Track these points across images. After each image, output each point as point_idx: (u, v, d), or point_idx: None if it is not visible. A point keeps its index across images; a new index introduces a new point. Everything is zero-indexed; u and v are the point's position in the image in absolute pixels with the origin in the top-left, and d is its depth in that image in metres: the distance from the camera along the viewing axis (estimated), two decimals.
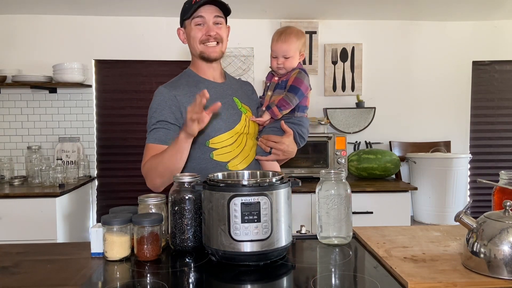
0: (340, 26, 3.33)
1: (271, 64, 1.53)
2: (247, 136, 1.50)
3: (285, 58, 1.49)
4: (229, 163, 1.45)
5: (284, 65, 1.50)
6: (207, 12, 1.43)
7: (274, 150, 1.44)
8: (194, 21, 1.44)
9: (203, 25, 1.44)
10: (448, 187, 2.89)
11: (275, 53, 1.50)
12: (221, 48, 1.48)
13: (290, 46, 1.49)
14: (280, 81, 1.52)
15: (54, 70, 3.01)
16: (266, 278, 1.01)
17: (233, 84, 1.59)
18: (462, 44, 3.39)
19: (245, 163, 1.48)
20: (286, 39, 1.49)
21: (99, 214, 3.24)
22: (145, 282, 0.99)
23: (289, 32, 1.50)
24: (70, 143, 3.18)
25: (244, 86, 1.64)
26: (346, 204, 1.21)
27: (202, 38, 1.44)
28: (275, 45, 1.50)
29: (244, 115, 1.50)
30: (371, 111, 3.29)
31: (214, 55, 1.47)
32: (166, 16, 3.23)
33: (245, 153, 1.49)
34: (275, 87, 1.53)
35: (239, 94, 1.56)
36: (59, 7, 3.00)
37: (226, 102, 1.48)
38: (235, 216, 1.03)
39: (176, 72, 3.22)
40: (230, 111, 1.48)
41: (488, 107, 3.44)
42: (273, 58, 1.52)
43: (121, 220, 1.11)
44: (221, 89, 1.52)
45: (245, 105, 1.54)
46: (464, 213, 1.00)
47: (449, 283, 0.90)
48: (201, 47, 1.46)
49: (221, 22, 1.47)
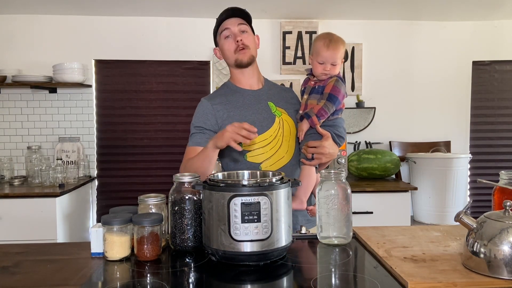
0: (340, 26, 3.33)
1: (317, 70, 1.54)
2: (282, 138, 1.54)
3: (332, 65, 1.52)
4: (262, 164, 1.51)
5: (330, 72, 1.52)
6: (231, 23, 1.52)
7: (316, 155, 1.47)
8: (222, 35, 1.54)
9: (231, 36, 1.53)
10: (448, 187, 2.90)
11: (324, 59, 1.52)
12: (250, 52, 1.54)
13: (338, 54, 1.52)
14: (316, 85, 1.55)
15: (54, 70, 3.01)
16: (266, 278, 1.01)
17: (270, 90, 1.64)
18: (462, 44, 3.39)
19: (278, 165, 1.53)
20: (336, 47, 1.51)
21: (99, 214, 3.24)
22: (145, 282, 0.99)
23: (337, 40, 1.53)
24: (70, 143, 3.18)
25: (284, 92, 1.69)
26: (346, 204, 1.21)
27: (234, 47, 1.53)
28: (325, 52, 1.51)
29: (278, 118, 1.56)
30: (371, 111, 3.29)
31: (245, 59, 1.54)
32: (166, 16, 3.23)
33: (279, 155, 1.53)
34: (311, 91, 1.56)
35: (276, 98, 1.61)
36: (59, 7, 3.00)
37: (260, 107, 1.56)
38: (235, 216, 1.03)
39: (176, 72, 3.29)
40: (263, 115, 1.54)
41: (488, 107, 3.44)
42: (320, 64, 1.53)
43: (121, 220, 1.11)
44: (257, 95, 1.59)
45: (280, 108, 1.59)
46: (464, 213, 1.00)
47: (449, 283, 0.90)
48: (235, 55, 1.54)
49: (246, 30, 1.55)
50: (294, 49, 3.28)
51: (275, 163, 1.52)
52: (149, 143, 3.28)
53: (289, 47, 3.29)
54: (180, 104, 3.30)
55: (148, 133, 3.29)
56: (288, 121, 1.58)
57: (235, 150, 1.45)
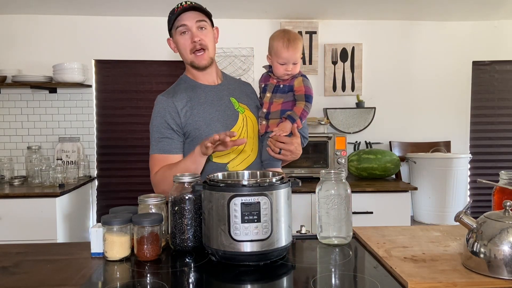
0: (340, 26, 3.33)
1: (278, 71, 1.51)
2: (246, 136, 1.50)
3: (294, 64, 1.50)
4: (229, 164, 1.46)
5: (292, 71, 1.50)
6: (188, 19, 1.44)
7: (283, 151, 1.45)
8: (178, 30, 1.46)
9: (187, 32, 1.45)
10: (448, 187, 2.89)
11: (285, 60, 1.49)
12: (208, 55, 1.48)
13: (298, 52, 1.50)
14: (281, 84, 1.52)
15: (54, 70, 3.01)
16: (266, 278, 1.01)
17: (231, 84, 1.59)
18: (462, 44, 3.39)
19: (245, 163, 1.49)
20: (296, 46, 1.49)
21: (99, 214, 3.24)
22: (145, 282, 0.99)
23: (294, 38, 1.50)
24: (70, 143, 3.18)
25: (243, 86, 1.64)
26: (346, 204, 1.21)
27: (190, 47, 1.46)
28: (285, 53, 1.48)
29: (241, 115, 1.51)
30: (371, 111, 3.29)
31: (203, 63, 1.48)
32: (166, 16, 3.20)
33: (245, 153, 1.49)
34: (275, 89, 1.53)
35: (237, 93, 1.56)
36: (60, 7, 3.00)
37: (223, 103, 1.50)
38: (235, 216, 1.03)
39: (176, 72, 3.28)
40: (227, 112, 1.49)
41: (488, 107, 3.44)
42: (281, 65, 1.50)
43: (121, 220, 1.11)
44: (217, 91, 1.53)
45: (242, 104, 1.54)
46: (464, 213, 1.00)
47: (449, 283, 0.90)
48: (191, 57, 1.48)
49: (205, 26, 1.46)
50: None
51: (241, 162, 1.48)
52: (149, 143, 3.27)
53: None
54: None
55: (148, 133, 3.28)
56: (251, 118, 1.54)
57: None
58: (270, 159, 1.50)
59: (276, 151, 1.46)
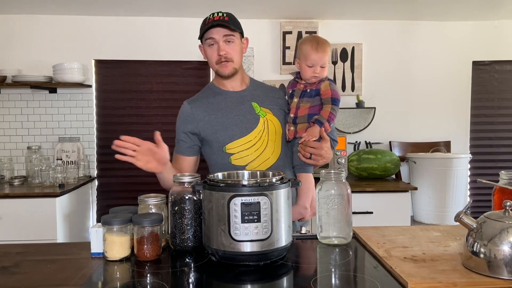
0: (340, 26, 3.33)
1: (306, 73, 1.53)
2: (267, 139, 1.54)
3: (322, 67, 1.52)
4: (247, 167, 1.50)
5: (320, 74, 1.52)
6: (217, 33, 1.50)
7: (314, 156, 1.46)
8: (207, 42, 1.54)
9: (215, 45, 1.52)
10: (448, 187, 2.89)
11: (314, 62, 1.51)
12: (233, 65, 1.54)
13: (327, 56, 1.52)
14: (308, 89, 1.54)
15: (54, 70, 3.01)
16: (266, 278, 1.01)
17: (255, 90, 1.63)
18: (462, 44, 3.39)
19: (265, 166, 1.51)
20: (324, 49, 1.51)
21: (99, 214, 3.24)
22: (145, 282, 0.99)
23: (324, 42, 1.53)
24: (70, 143, 3.18)
25: (270, 92, 1.67)
26: (346, 204, 1.21)
27: (216, 59, 1.53)
28: (315, 55, 1.50)
29: (262, 119, 1.55)
30: (371, 111, 3.29)
31: (227, 72, 1.55)
32: (166, 16, 3.23)
33: (265, 156, 1.52)
34: (302, 94, 1.54)
35: (260, 98, 1.60)
36: (60, 7, 3.00)
37: (243, 108, 1.56)
38: (235, 216, 1.03)
39: (175, 72, 3.29)
40: (246, 116, 1.54)
41: (488, 107, 3.44)
42: (309, 68, 1.52)
43: (121, 220, 1.11)
44: (240, 96, 1.59)
45: (264, 108, 1.58)
46: (464, 213, 1.00)
47: (449, 283, 0.90)
48: (217, 67, 1.55)
49: (232, 40, 1.52)
50: (294, 49, 3.28)
51: (260, 164, 1.51)
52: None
53: (289, 47, 3.29)
54: (180, 104, 3.23)
55: (148, 133, 3.25)
56: (273, 121, 1.57)
57: (218, 154, 1.51)
58: (301, 164, 1.51)
59: (306, 156, 1.47)
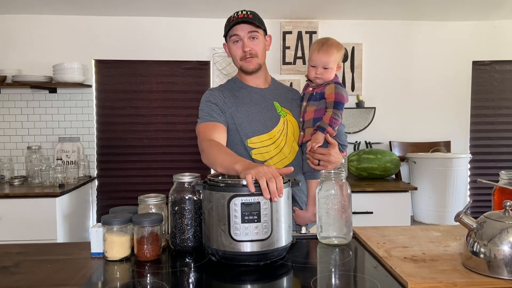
0: (340, 26, 3.33)
1: (309, 73, 1.56)
2: (286, 138, 1.55)
3: (324, 69, 1.52)
4: (266, 163, 1.50)
5: (322, 76, 1.53)
6: (241, 30, 1.52)
7: (322, 162, 1.47)
8: (231, 39, 1.55)
9: (239, 41, 1.53)
10: (448, 187, 2.89)
11: (315, 63, 1.53)
12: (257, 61, 1.55)
13: (330, 57, 1.52)
14: (314, 92, 1.55)
15: (54, 70, 3.01)
16: (266, 278, 1.01)
17: (277, 90, 1.65)
18: (462, 44, 3.39)
19: (282, 164, 1.53)
20: (327, 51, 1.52)
21: (99, 214, 3.24)
22: (145, 282, 0.99)
23: (330, 44, 1.54)
24: (70, 143, 3.18)
25: (290, 93, 1.69)
26: (346, 204, 1.21)
27: (241, 55, 1.54)
28: (316, 55, 1.52)
29: (282, 119, 1.57)
30: (371, 111, 3.29)
31: (251, 68, 1.55)
32: (166, 16, 3.23)
33: (282, 155, 1.54)
34: (310, 97, 1.56)
35: (281, 98, 1.62)
36: (59, 7, 3.00)
37: (266, 106, 1.57)
38: (235, 216, 1.03)
39: (176, 72, 3.29)
40: (268, 114, 1.55)
41: (488, 107, 3.44)
42: (312, 68, 1.54)
43: (121, 220, 1.11)
44: (263, 94, 1.60)
45: (285, 109, 1.60)
46: (464, 213, 1.00)
47: (449, 283, 0.90)
48: (241, 63, 1.56)
49: (256, 36, 1.54)
50: (294, 49, 3.28)
51: (278, 162, 1.53)
52: (149, 143, 3.28)
53: (289, 47, 3.29)
54: (180, 104, 3.30)
55: (148, 133, 3.29)
56: (292, 122, 1.59)
57: (241, 146, 1.50)
58: (311, 171, 1.52)
59: (315, 163, 1.48)
